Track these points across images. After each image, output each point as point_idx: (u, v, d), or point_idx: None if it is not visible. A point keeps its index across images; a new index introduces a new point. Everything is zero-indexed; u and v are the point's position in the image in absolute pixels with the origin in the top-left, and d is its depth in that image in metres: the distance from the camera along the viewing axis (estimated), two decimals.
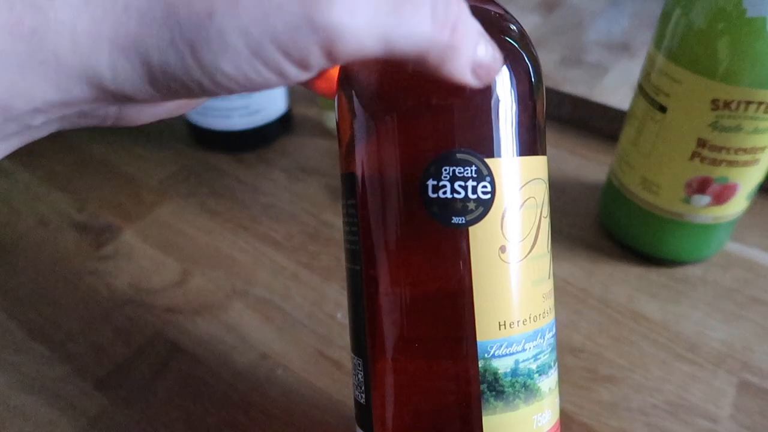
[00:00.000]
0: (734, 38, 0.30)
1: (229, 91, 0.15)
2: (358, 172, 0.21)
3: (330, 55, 0.14)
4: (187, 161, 0.48)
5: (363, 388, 0.22)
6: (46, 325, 0.36)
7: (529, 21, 0.68)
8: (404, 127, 0.20)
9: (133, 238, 0.42)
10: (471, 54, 0.17)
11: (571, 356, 0.35)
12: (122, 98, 0.15)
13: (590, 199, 0.46)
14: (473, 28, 0.17)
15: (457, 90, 0.19)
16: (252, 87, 0.15)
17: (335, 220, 0.43)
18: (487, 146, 0.20)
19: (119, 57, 0.14)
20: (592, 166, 0.49)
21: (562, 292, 0.38)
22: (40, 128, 0.16)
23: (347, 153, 0.22)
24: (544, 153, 0.22)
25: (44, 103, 0.15)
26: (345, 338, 0.35)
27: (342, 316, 0.37)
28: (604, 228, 0.43)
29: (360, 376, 0.22)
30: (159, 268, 0.39)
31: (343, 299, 0.38)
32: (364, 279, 0.21)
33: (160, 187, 0.46)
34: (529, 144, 0.21)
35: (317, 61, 0.15)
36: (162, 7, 0.14)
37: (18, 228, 0.42)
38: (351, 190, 0.22)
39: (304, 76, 0.15)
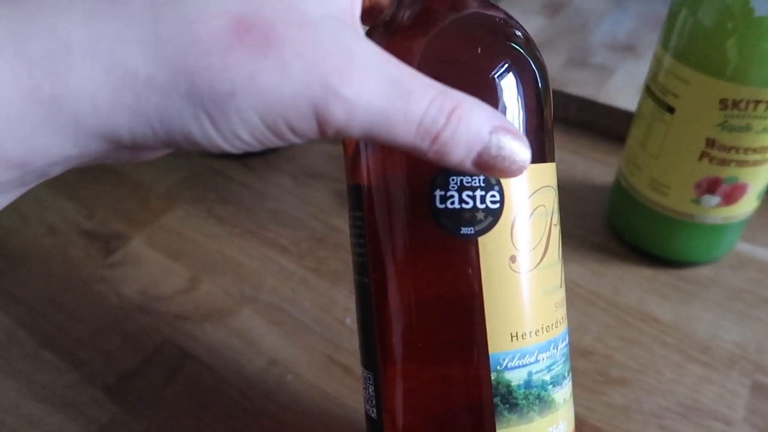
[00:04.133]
0: (742, 38, 0.30)
1: (241, 150, 0.17)
2: (364, 184, 0.21)
3: (323, 136, 0.16)
4: (194, 167, 0.49)
5: (374, 402, 0.22)
6: (56, 333, 0.36)
7: (533, 23, 0.67)
8: None
9: (142, 245, 0.42)
10: (461, 157, 0.16)
11: (581, 359, 0.34)
12: (139, 150, 0.16)
13: (598, 201, 0.45)
14: (465, 135, 0.16)
15: None
16: (260, 147, 0.16)
17: (342, 225, 0.43)
18: None
19: (139, 123, 0.15)
20: (599, 167, 0.49)
21: (571, 294, 0.38)
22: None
23: (352, 164, 0.22)
24: (552, 160, 0.22)
25: (62, 158, 0.15)
26: (354, 343, 0.35)
27: (351, 320, 0.37)
28: (612, 230, 0.43)
29: (371, 390, 0.22)
30: (167, 274, 0.40)
31: (352, 304, 0.37)
32: (373, 292, 0.21)
33: (168, 193, 0.46)
34: (538, 151, 0.21)
35: (313, 136, 0.16)
36: (186, 83, 0.15)
37: (27, 236, 0.42)
38: (357, 202, 0.21)
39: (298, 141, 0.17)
